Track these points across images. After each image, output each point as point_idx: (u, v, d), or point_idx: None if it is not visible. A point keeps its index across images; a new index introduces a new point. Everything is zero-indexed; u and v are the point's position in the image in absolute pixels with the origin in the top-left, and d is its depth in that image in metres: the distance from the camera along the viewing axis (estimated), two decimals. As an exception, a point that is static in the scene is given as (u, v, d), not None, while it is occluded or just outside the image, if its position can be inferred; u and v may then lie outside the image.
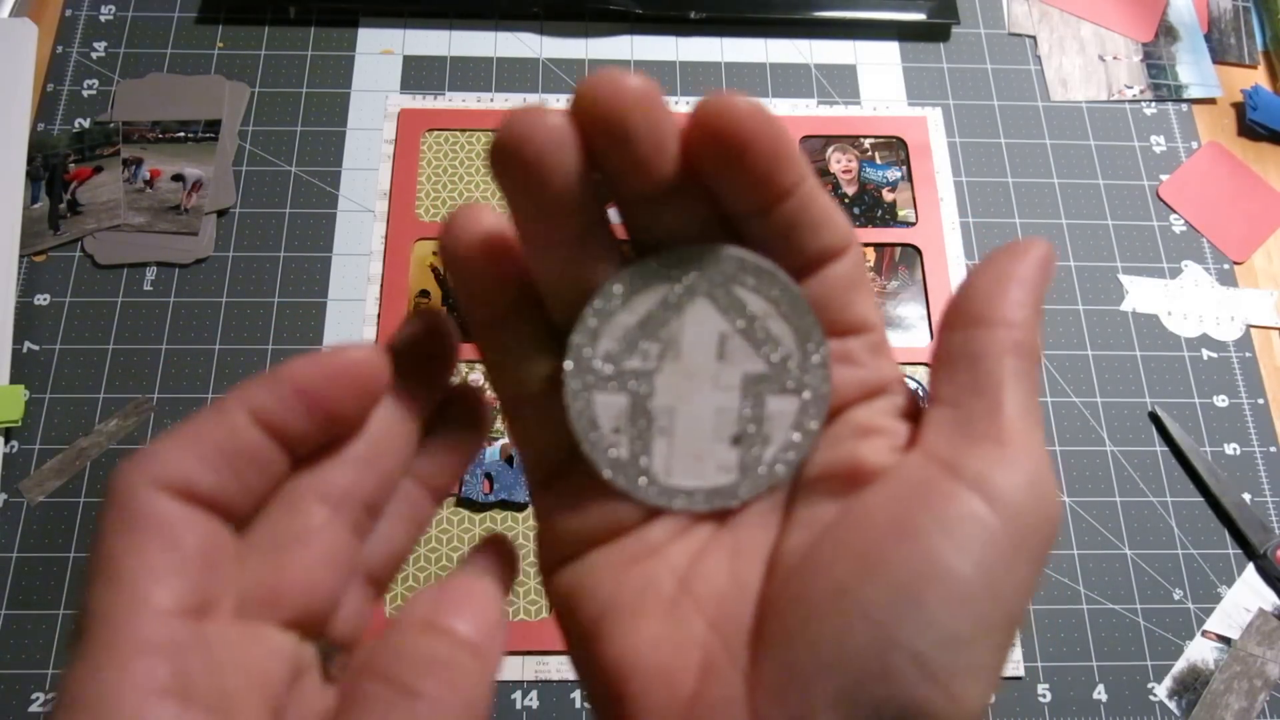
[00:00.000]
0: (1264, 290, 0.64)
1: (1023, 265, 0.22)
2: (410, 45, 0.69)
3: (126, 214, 0.62)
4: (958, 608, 0.19)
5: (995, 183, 0.66)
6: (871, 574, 0.20)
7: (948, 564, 0.19)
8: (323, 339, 0.60)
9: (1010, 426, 0.21)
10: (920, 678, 0.19)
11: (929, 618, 0.19)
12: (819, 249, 0.22)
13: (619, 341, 0.22)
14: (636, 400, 0.23)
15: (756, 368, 0.23)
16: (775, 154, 0.20)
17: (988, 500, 0.20)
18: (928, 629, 0.19)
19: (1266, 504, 0.58)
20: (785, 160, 0.21)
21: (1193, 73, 0.70)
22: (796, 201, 0.21)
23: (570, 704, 0.52)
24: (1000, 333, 0.22)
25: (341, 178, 0.64)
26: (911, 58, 0.70)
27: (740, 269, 0.22)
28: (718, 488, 0.23)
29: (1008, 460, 0.20)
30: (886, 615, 0.19)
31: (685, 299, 0.22)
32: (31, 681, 0.51)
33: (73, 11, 0.69)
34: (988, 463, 0.20)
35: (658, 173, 0.21)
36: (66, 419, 0.57)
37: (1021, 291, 0.22)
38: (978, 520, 0.20)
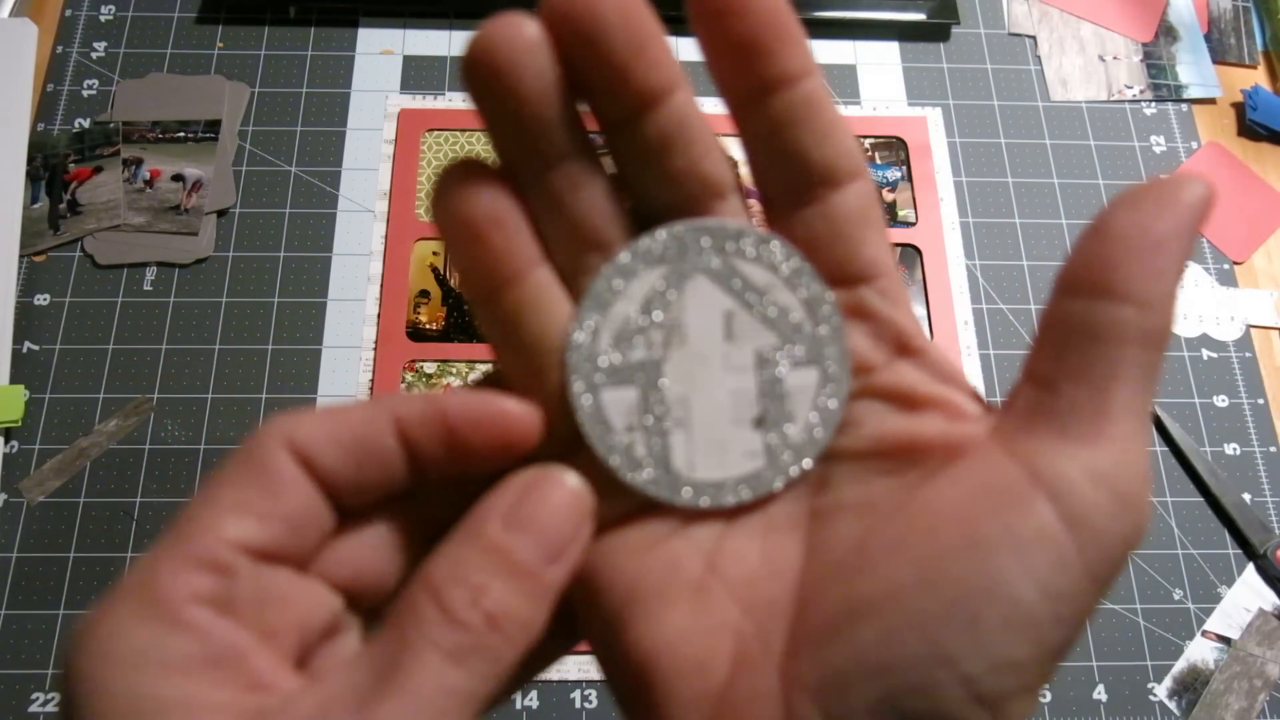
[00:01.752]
0: (1264, 290, 0.64)
1: (1171, 220, 0.18)
2: (410, 45, 0.69)
3: (126, 214, 0.62)
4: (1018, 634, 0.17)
5: (995, 183, 0.66)
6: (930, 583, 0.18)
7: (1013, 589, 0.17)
8: (322, 339, 0.60)
9: (1116, 431, 0.18)
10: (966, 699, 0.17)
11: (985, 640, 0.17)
12: (822, 165, 0.20)
13: (620, 332, 0.21)
14: (645, 393, 0.21)
15: (769, 343, 0.21)
16: (774, 31, 0.19)
17: (1069, 521, 0.18)
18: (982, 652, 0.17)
19: (1266, 504, 0.58)
20: (784, 42, 0.19)
21: (1193, 73, 0.70)
22: (792, 97, 0.20)
23: (570, 704, 0.52)
24: (1128, 312, 0.18)
25: (341, 178, 0.64)
26: (911, 58, 0.70)
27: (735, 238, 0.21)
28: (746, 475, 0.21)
29: (1103, 473, 0.18)
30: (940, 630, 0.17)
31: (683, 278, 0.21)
32: (31, 681, 0.51)
33: (73, 11, 0.69)
34: (1078, 472, 0.18)
35: (639, 81, 0.19)
36: (66, 419, 0.57)
37: (1164, 260, 0.18)
38: (1054, 544, 0.17)
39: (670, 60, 0.20)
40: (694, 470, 0.21)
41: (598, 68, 0.19)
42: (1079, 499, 0.18)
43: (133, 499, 0.55)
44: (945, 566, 0.18)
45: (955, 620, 0.17)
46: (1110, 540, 0.18)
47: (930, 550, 0.18)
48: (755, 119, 0.20)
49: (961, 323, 0.62)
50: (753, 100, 0.20)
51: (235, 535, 0.18)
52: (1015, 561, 0.17)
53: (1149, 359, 0.18)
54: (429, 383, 0.59)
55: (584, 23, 0.18)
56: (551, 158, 0.20)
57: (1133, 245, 0.18)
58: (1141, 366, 0.18)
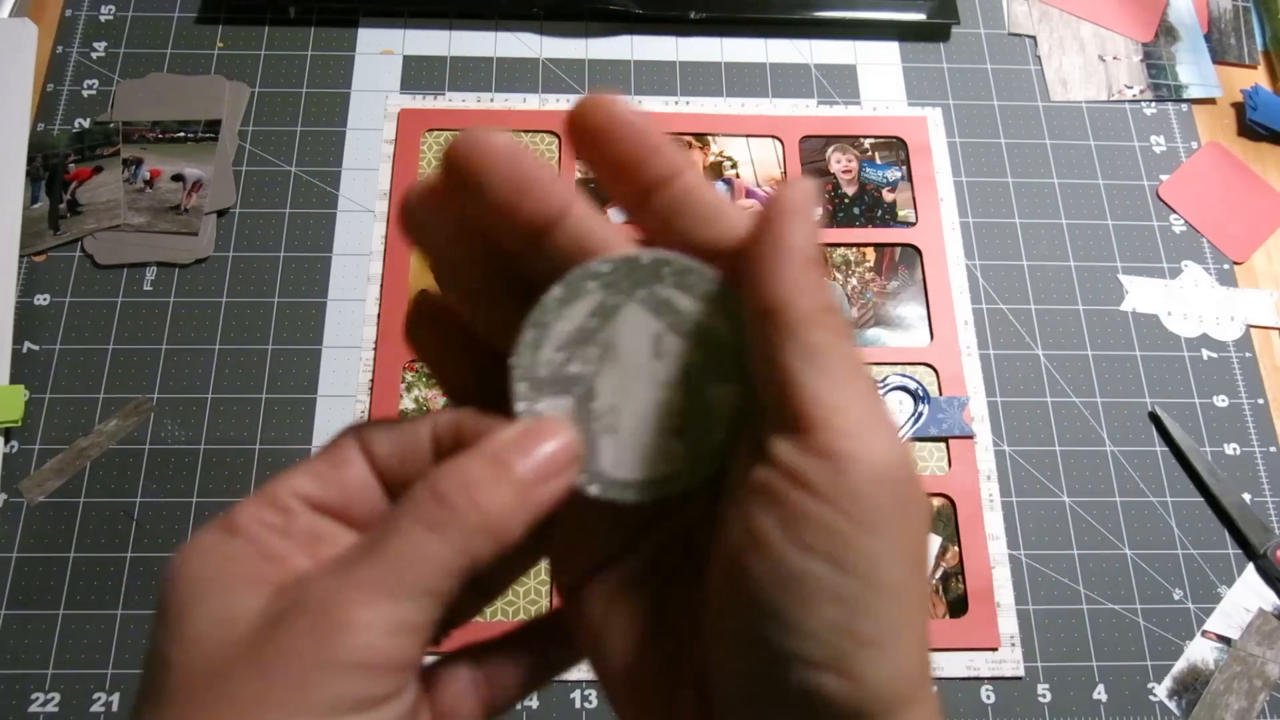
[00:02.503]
0: (1264, 290, 0.64)
1: (789, 232, 0.22)
2: (410, 45, 0.69)
3: (126, 214, 0.62)
4: (813, 604, 0.20)
5: (995, 183, 0.66)
6: (738, 595, 0.21)
7: (792, 566, 0.20)
8: (322, 339, 0.60)
9: (808, 412, 0.20)
10: (808, 670, 0.20)
11: (791, 622, 0.20)
12: (710, 243, 0.23)
13: (559, 349, 0.24)
14: (580, 402, 0.24)
15: (692, 360, 0.24)
16: (640, 146, 0.22)
17: (811, 491, 0.20)
18: (794, 632, 0.20)
19: (1266, 504, 0.58)
20: (652, 153, 0.22)
21: (1193, 73, 0.70)
22: (671, 194, 0.23)
23: (570, 704, 0.52)
24: (777, 319, 0.21)
25: (341, 178, 0.64)
26: (911, 58, 0.70)
27: (662, 268, 0.23)
28: (662, 476, 0.24)
29: (815, 448, 0.20)
30: (760, 633, 0.21)
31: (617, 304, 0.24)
32: (31, 681, 0.51)
33: (73, 11, 0.69)
34: (799, 456, 0.20)
35: (527, 215, 0.22)
36: (66, 419, 0.57)
37: (788, 262, 0.22)
38: (809, 515, 0.20)
39: (557, 188, 0.23)
40: (619, 470, 0.24)
41: (491, 210, 0.22)
42: (809, 474, 0.20)
43: (133, 499, 0.55)
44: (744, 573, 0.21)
45: (763, 619, 0.21)
46: (867, 493, 0.20)
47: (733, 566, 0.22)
48: (647, 218, 0.23)
49: (961, 323, 0.62)
50: (640, 204, 0.23)
51: (300, 489, 0.23)
52: (790, 544, 0.21)
53: (816, 339, 0.21)
54: (428, 383, 0.59)
55: (470, 174, 0.22)
56: (471, 287, 0.25)
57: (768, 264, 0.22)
58: (810, 350, 0.21)
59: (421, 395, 0.58)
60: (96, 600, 0.53)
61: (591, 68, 0.69)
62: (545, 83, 0.68)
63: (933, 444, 0.58)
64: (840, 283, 0.63)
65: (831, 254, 0.64)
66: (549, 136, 0.66)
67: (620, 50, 0.69)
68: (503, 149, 0.22)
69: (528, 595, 0.54)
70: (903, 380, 0.59)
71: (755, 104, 0.68)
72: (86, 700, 0.51)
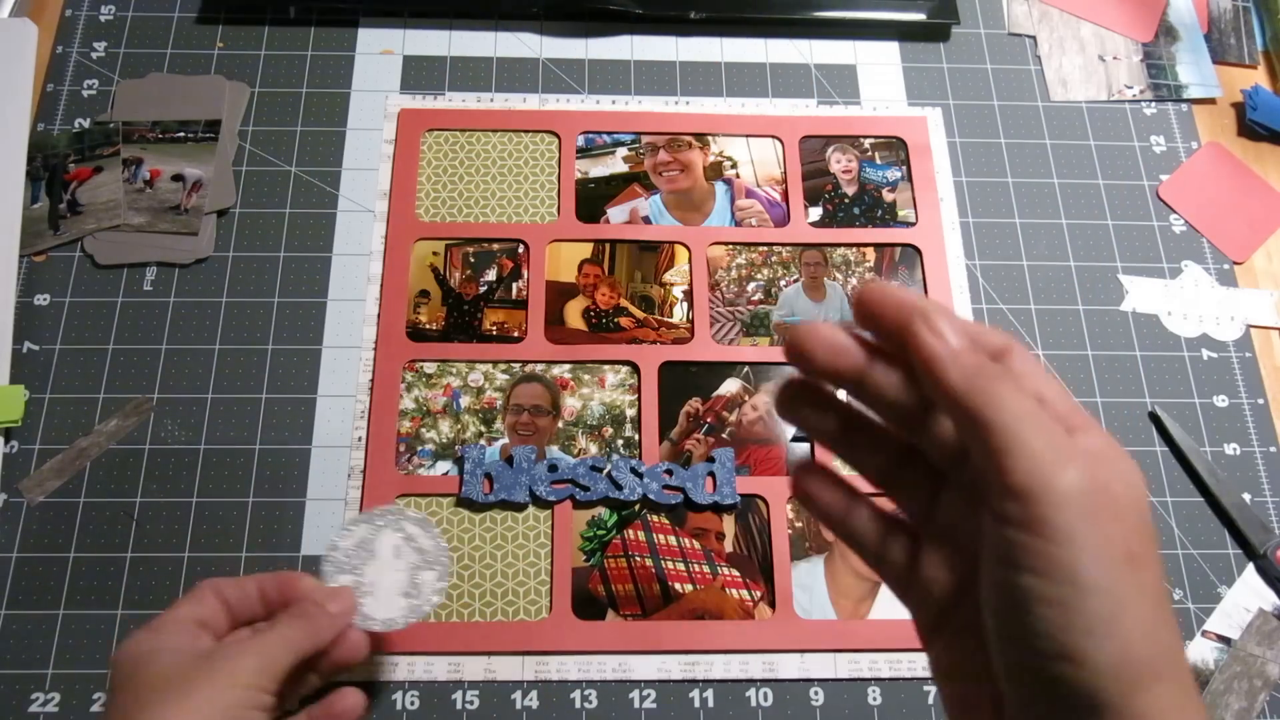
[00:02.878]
0: (1264, 290, 0.64)
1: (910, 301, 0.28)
2: (410, 45, 0.69)
3: (126, 214, 0.62)
4: (1035, 608, 0.25)
5: (995, 183, 0.66)
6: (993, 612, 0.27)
7: (1010, 582, 0.25)
8: (322, 339, 0.60)
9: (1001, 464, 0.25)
10: (1048, 662, 0.25)
11: (1025, 625, 0.25)
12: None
13: (348, 550, 0.49)
14: (356, 578, 0.48)
15: (414, 559, 0.49)
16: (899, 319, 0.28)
17: (1010, 523, 0.25)
18: (1028, 633, 0.25)
19: (1266, 504, 0.58)
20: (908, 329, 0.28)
21: (1193, 73, 0.70)
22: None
23: (570, 704, 0.52)
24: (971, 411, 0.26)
25: (341, 178, 0.64)
26: (911, 58, 0.70)
27: (405, 516, 0.50)
28: (393, 618, 0.48)
29: (1009, 490, 0.25)
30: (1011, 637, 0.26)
31: (380, 529, 0.50)
32: (31, 681, 0.51)
33: (73, 11, 0.69)
34: (999, 500, 0.26)
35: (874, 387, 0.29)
36: (66, 419, 0.57)
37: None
38: (1012, 541, 0.25)
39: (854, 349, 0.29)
40: (375, 614, 0.48)
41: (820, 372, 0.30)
42: (993, 504, 0.26)
43: (133, 499, 0.55)
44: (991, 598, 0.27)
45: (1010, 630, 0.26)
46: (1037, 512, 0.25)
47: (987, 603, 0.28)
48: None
49: (961, 323, 0.61)
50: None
51: (182, 614, 0.44)
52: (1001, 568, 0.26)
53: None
54: (429, 383, 0.59)
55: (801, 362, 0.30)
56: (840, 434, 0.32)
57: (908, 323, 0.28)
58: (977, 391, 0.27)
59: (421, 395, 0.58)
60: (96, 600, 0.53)
61: (591, 68, 0.69)
62: (545, 83, 0.68)
63: (933, 444, 0.58)
64: (840, 283, 0.63)
65: (831, 254, 0.64)
66: (549, 136, 0.66)
67: (620, 50, 0.69)
68: (823, 330, 0.29)
69: (528, 595, 0.54)
70: (903, 380, 0.59)
71: (755, 104, 0.68)
72: (86, 700, 0.51)
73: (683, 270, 0.62)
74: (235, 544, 0.55)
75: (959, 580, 0.29)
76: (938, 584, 0.30)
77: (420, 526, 0.49)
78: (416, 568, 0.49)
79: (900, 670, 0.53)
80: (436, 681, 0.52)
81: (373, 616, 0.47)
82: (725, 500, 0.56)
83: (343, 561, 0.48)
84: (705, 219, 0.64)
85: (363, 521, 0.49)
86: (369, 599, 0.47)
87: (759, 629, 0.53)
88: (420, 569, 0.49)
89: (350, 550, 0.48)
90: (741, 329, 0.61)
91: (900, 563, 0.31)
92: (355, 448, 0.57)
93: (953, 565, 0.29)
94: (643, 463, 0.56)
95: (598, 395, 0.59)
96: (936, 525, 0.30)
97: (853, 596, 0.54)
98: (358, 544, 0.49)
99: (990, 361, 0.27)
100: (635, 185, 0.65)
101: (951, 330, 0.27)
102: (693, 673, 0.53)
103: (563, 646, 0.53)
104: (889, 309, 0.28)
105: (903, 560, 0.31)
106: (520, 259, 0.62)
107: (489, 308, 0.61)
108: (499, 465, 0.56)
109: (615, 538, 0.55)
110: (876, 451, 0.32)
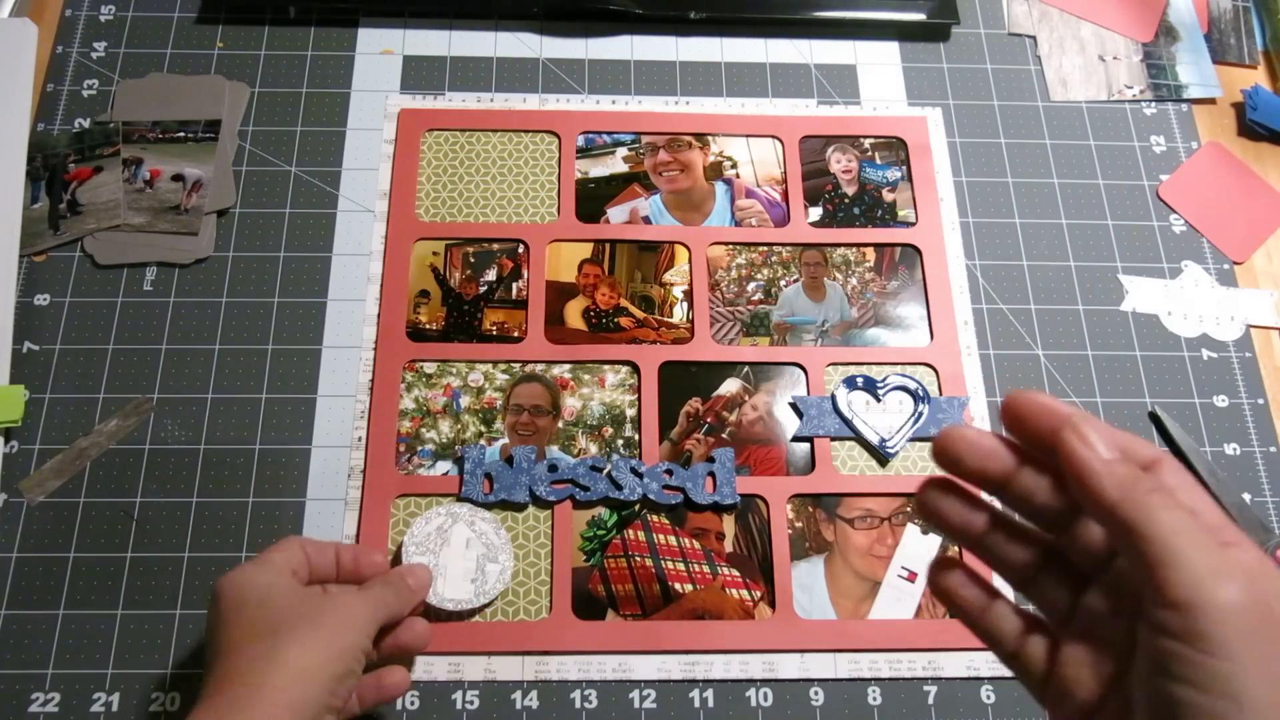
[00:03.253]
0: (1264, 290, 0.64)
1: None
2: (410, 45, 0.69)
3: (126, 214, 0.62)
4: None
5: (995, 183, 0.66)
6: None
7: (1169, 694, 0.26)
8: (322, 339, 0.60)
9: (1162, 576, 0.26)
10: None
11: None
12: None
13: (428, 534, 0.54)
14: (432, 559, 0.53)
15: (482, 550, 0.54)
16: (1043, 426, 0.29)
17: (1170, 634, 0.26)
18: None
19: (1266, 504, 0.58)
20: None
21: (1193, 73, 0.70)
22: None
23: (570, 704, 0.52)
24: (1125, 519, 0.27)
25: (341, 178, 0.64)
26: (911, 58, 0.70)
27: (477, 512, 0.55)
28: (460, 600, 0.53)
29: (1168, 602, 0.26)
30: None
31: (455, 521, 0.55)
32: (31, 681, 0.51)
33: (73, 11, 0.69)
34: (1157, 610, 0.26)
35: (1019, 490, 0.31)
36: (66, 419, 0.57)
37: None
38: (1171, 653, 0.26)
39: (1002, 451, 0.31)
40: (446, 593, 0.53)
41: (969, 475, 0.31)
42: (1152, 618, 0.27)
43: (133, 499, 0.55)
44: None
45: None
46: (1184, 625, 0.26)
47: None
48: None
49: (961, 323, 0.62)
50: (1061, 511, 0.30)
51: (279, 559, 0.47)
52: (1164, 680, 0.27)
53: None
54: (429, 383, 0.59)
55: (950, 455, 0.31)
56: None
57: None
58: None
59: (421, 395, 0.58)
60: (96, 600, 0.53)
61: (591, 68, 0.69)
62: (545, 83, 0.68)
63: (933, 444, 0.58)
64: (840, 283, 0.63)
65: (831, 254, 0.64)
66: (549, 136, 0.66)
67: (620, 50, 0.69)
68: (971, 434, 0.31)
69: (528, 596, 0.54)
70: (903, 380, 0.59)
71: (755, 104, 0.68)
72: (87, 700, 0.51)
73: (683, 270, 0.62)
74: (235, 544, 0.55)
75: (1103, 681, 0.29)
76: (1080, 684, 0.30)
77: (489, 523, 0.55)
78: (484, 559, 0.54)
79: (900, 670, 0.53)
80: (436, 681, 0.52)
81: (444, 596, 0.52)
82: (725, 500, 0.56)
83: (421, 543, 0.53)
84: (705, 219, 0.64)
85: (440, 512, 0.54)
86: (440, 580, 0.53)
87: (759, 629, 0.53)
88: (487, 560, 0.54)
89: (429, 534, 0.54)
90: (741, 329, 0.61)
91: (1038, 661, 0.31)
92: (355, 448, 0.57)
93: (1096, 666, 0.29)
94: (643, 463, 0.56)
95: (598, 395, 0.59)
96: (1078, 626, 0.30)
97: (853, 596, 0.55)
98: (435, 530, 0.54)
99: (1143, 473, 0.28)
100: (635, 185, 0.65)
101: (1102, 441, 0.28)
102: (693, 673, 0.53)
103: (563, 646, 0.53)
104: (1038, 417, 0.29)
105: (1041, 659, 0.31)
106: (520, 259, 0.62)
107: (489, 308, 0.61)
108: (499, 465, 0.56)
109: (615, 538, 0.55)
110: (1018, 552, 0.32)
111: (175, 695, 0.51)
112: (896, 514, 0.56)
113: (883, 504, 0.57)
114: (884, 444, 0.58)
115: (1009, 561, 0.32)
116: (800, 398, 0.59)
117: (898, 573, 0.55)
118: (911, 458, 0.58)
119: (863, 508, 0.56)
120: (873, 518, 0.56)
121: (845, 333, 0.61)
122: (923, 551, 0.56)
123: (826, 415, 0.58)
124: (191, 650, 0.52)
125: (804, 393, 0.59)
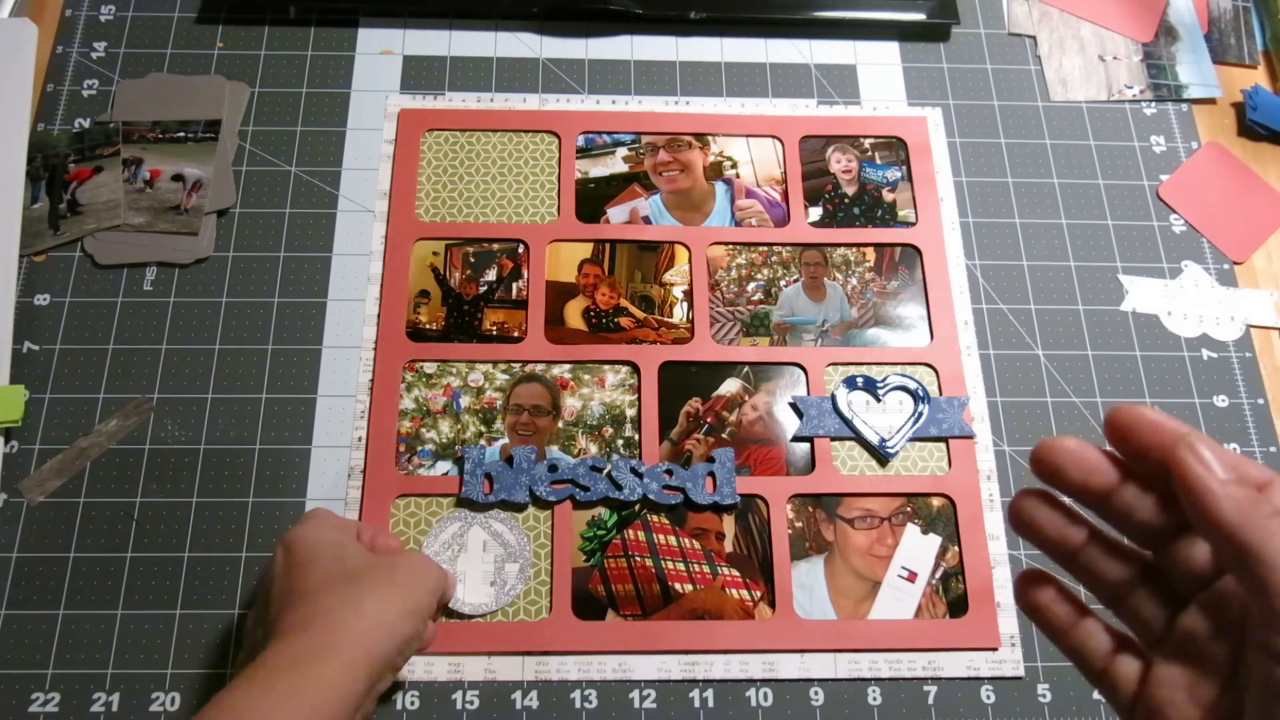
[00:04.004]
0: (1264, 290, 0.64)
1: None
2: (410, 45, 0.69)
3: (126, 214, 0.62)
4: None
5: (995, 183, 0.66)
6: None
7: None
8: (322, 339, 0.60)
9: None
10: None
11: None
12: None
13: (443, 543, 0.55)
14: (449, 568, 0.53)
15: (499, 552, 0.54)
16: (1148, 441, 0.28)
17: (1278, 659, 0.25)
18: None
19: (1266, 504, 0.58)
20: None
21: (1193, 73, 0.70)
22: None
23: (570, 704, 0.52)
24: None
25: (341, 178, 0.64)
26: (911, 58, 0.70)
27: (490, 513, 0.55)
28: (479, 604, 0.53)
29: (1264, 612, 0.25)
30: None
31: (470, 525, 0.55)
32: (31, 681, 0.51)
33: (73, 11, 0.69)
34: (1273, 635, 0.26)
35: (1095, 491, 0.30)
36: (66, 419, 0.57)
37: None
38: None
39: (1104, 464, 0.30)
40: (466, 598, 0.53)
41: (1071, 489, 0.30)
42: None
43: (133, 499, 0.55)
44: None
45: None
46: None
47: None
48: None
49: (961, 323, 0.62)
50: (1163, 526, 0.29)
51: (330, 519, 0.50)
52: None
53: None
54: (429, 383, 0.59)
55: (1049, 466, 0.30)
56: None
57: None
58: None
59: (421, 395, 0.58)
60: (96, 600, 0.53)
61: (591, 68, 0.69)
62: (545, 83, 0.68)
63: (933, 444, 0.58)
64: (840, 283, 0.63)
65: (831, 254, 0.64)
66: (549, 136, 0.66)
67: (620, 50, 0.69)
68: (1074, 446, 0.30)
69: (528, 595, 0.54)
70: (903, 380, 0.59)
71: (755, 104, 0.68)
72: (86, 700, 0.51)
73: (683, 270, 0.62)
74: (235, 544, 0.55)
75: (1201, 705, 0.29)
76: (1174, 706, 0.29)
77: (505, 523, 0.55)
78: (502, 560, 0.54)
79: (900, 670, 0.53)
80: (436, 682, 0.52)
81: (464, 601, 0.53)
82: (725, 500, 0.56)
83: (438, 552, 0.54)
84: (705, 219, 0.64)
85: (455, 519, 0.55)
86: (460, 586, 0.53)
87: (759, 629, 0.53)
88: (505, 561, 0.54)
89: (445, 542, 0.54)
90: (741, 329, 0.61)
91: (1128, 681, 0.30)
92: (355, 448, 0.57)
93: (1193, 689, 0.29)
94: (643, 463, 0.56)
95: (598, 395, 0.59)
96: (1173, 646, 0.30)
97: (853, 596, 0.55)
98: (451, 538, 0.54)
99: (1260, 496, 0.27)
100: (635, 185, 0.65)
101: (1218, 461, 0.27)
102: (693, 673, 0.53)
103: (563, 646, 0.53)
104: (1147, 433, 0.28)
105: (1131, 679, 0.30)
106: (520, 259, 0.62)
107: (489, 308, 0.61)
108: (499, 465, 0.56)
109: (615, 538, 0.55)
110: (1113, 568, 0.31)
111: (175, 695, 0.51)
112: (896, 514, 0.56)
113: (883, 504, 0.57)
114: (884, 444, 0.58)
115: (1103, 578, 0.31)
116: (800, 398, 0.59)
117: (898, 573, 0.55)
118: (911, 458, 0.58)
119: (863, 508, 0.56)
120: (873, 518, 0.56)
121: (845, 333, 0.61)
122: (922, 551, 0.56)
123: (826, 415, 0.58)
124: (192, 650, 0.52)
125: (804, 393, 0.59)
